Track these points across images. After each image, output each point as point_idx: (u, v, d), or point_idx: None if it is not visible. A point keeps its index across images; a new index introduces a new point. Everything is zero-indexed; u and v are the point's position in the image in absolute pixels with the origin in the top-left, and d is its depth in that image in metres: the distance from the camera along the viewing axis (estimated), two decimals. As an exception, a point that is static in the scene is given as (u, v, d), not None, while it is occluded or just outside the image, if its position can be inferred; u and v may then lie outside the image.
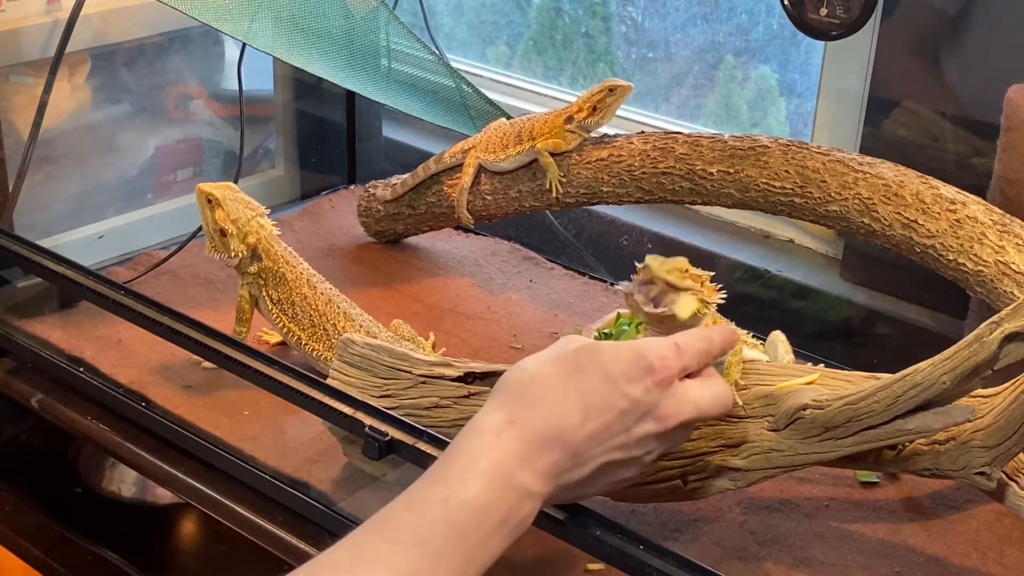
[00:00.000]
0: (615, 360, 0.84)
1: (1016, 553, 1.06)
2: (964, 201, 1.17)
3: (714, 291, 1.00)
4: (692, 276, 0.98)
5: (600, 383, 0.83)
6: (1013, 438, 0.92)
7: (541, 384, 0.83)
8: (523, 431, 0.80)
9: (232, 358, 1.11)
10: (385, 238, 1.61)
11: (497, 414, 0.81)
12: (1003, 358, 0.86)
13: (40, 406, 1.30)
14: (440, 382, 1.05)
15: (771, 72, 1.74)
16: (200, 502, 1.18)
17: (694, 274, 0.99)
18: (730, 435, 0.98)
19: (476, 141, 1.44)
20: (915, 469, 0.99)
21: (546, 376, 0.83)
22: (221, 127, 1.73)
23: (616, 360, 0.84)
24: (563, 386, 0.83)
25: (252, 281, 1.29)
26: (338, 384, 1.07)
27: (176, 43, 1.65)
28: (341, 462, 1.15)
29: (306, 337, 1.28)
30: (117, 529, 1.42)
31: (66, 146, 1.56)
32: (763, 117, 1.76)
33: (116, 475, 1.46)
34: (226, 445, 1.19)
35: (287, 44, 1.47)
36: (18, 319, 1.39)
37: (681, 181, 1.30)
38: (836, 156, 1.23)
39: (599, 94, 1.34)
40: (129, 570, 1.34)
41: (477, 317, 1.45)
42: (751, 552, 1.05)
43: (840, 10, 1.26)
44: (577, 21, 1.90)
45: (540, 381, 0.83)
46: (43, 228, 1.53)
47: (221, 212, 1.27)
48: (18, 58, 1.48)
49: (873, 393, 0.91)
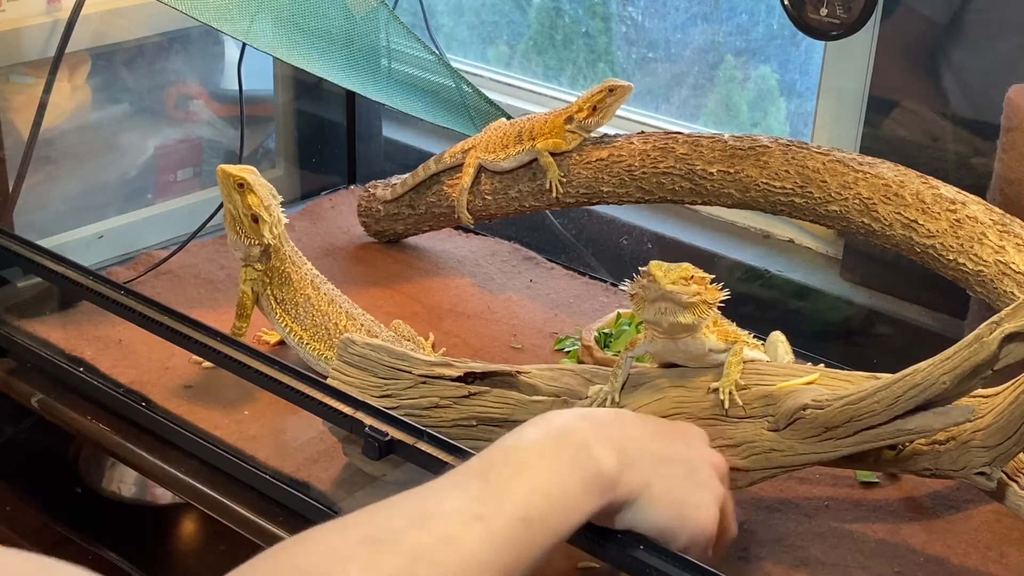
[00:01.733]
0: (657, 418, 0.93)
1: (1016, 553, 1.06)
2: (964, 201, 1.17)
3: (716, 291, 0.99)
4: (696, 280, 0.97)
5: (638, 421, 0.89)
6: (1013, 438, 0.92)
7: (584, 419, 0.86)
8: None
9: (232, 358, 1.11)
10: (385, 238, 1.61)
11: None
12: (1003, 358, 0.86)
13: (40, 406, 1.30)
14: (440, 382, 1.05)
15: (771, 72, 1.74)
16: (200, 502, 1.18)
17: (697, 278, 0.98)
18: (730, 435, 0.98)
19: (476, 141, 1.44)
20: (915, 469, 0.99)
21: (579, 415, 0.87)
22: (221, 127, 1.73)
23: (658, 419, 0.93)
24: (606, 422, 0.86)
25: (256, 278, 1.28)
26: (338, 384, 1.07)
27: (176, 43, 1.65)
28: (341, 462, 1.15)
29: (308, 337, 1.28)
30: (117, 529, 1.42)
31: (66, 146, 1.56)
32: (763, 117, 1.76)
33: (116, 475, 1.46)
34: (226, 445, 1.19)
35: (287, 44, 1.47)
36: (18, 319, 1.39)
37: (681, 181, 1.30)
38: (836, 156, 1.23)
39: (599, 94, 1.34)
40: (129, 570, 1.34)
41: (477, 317, 1.45)
42: (751, 552, 1.05)
43: (840, 10, 1.26)
44: (577, 21, 1.90)
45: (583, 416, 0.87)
46: (43, 228, 1.53)
47: (254, 197, 1.24)
48: (18, 58, 1.48)
49: (873, 393, 0.91)
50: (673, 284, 0.95)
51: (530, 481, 0.75)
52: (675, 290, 0.95)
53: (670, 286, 0.95)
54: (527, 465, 0.76)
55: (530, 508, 0.74)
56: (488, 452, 0.78)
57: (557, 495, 0.76)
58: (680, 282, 0.95)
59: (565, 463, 0.78)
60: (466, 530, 0.70)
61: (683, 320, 0.96)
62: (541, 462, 0.77)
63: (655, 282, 0.95)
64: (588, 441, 0.80)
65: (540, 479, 0.76)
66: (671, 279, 0.95)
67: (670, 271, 0.96)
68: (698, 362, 1.02)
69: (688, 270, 0.96)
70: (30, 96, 1.46)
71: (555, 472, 0.77)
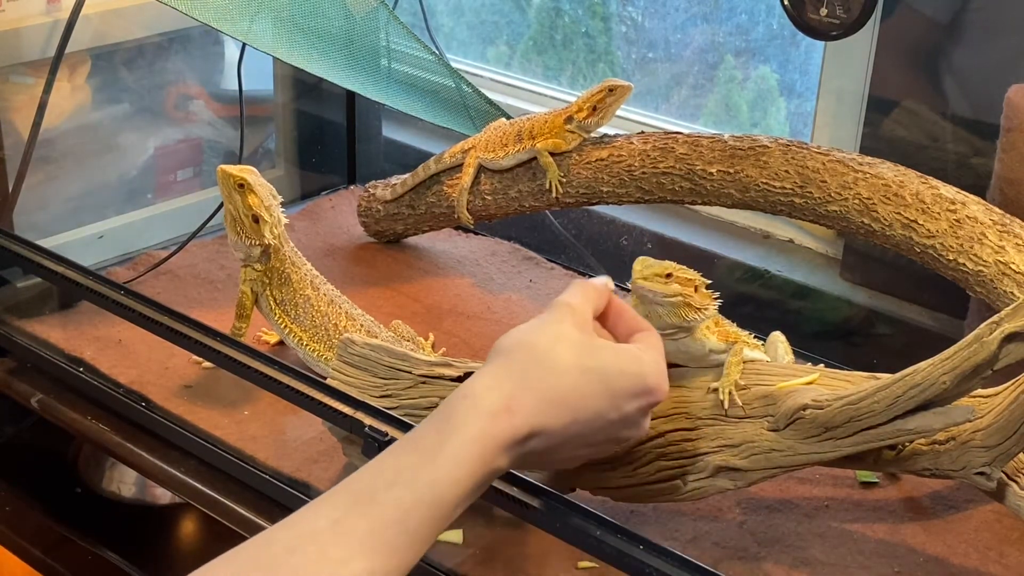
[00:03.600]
0: (618, 373, 0.86)
1: (1016, 553, 1.06)
2: (964, 201, 1.17)
3: (707, 297, 0.99)
4: (680, 280, 0.97)
5: (598, 391, 0.85)
6: (1013, 438, 0.92)
7: (543, 370, 0.84)
8: (516, 422, 0.81)
9: (232, 358, 1.11)
10: (385, 238, 1.61)
11: (496, 393, 0.82)
12: (1003, 358, 0.86)
13: (40, 406, 1.30)
14: (440, 382, 1.05)
15: (771, 72, 1.74)
16: (200, 502, 1.18)
17: (681, 278, 0.98)
18: (730, 435, 0.99)
19: (476, 141, 1.44)
20: (915, 469, 0.99)
21: (550, 362, 0.84)
22: (221, 127, 1.73)
23: (620, 373, 0.86)
24: (560, 381, 0.84)
25: (256, 279, 1.28)
26: (338, 384, 1.07)
27: (176, 43, 1.65)
28: (341, 462, 1.15)
29: (307, 338, 1.28)
30: (117, 529, 1.42)
31: (66, 146, 1.56)
32: (763, 117, 1.76)
33: (116, 475, 1.46)
34: (226, 445, 1.19)
35: (287, 44, 1.46)
36: (18, 319, 1.39)
37: (681, 181, 1.30)
38: (836, 156, 1.23)
39: (599, 94, 1.34)
40: (129, 570, 1.34)
41: (477, 317, 1.45)
42: (751, 552, 1.05)
43: (840, 10, 1.26)
44: (577, 21, 1.90)
45: (543, 366, 0.84)
46: (43, 228, 1.53)
47: (255, 198, 1.24)
48: (18, 58, 1.48)
49: (873, 393, 0.91)
50: (645, 280, 0.96)
51: (437, 527, 0.78)
52: (645, 286, 0.96)
53: (641, 281, 0.96)
54: (443, 511, 0.78)
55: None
56: (414, 486, 0.78)
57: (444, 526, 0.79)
58: (655, 279, 0.96)
59: (465, 497, 0.80)
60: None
61: (663, 315, 0.97)
62: (455, 505, 0.79)
63: (632, 276, 0.97)
64: (495, 465, 0.81)
65: (445, 519, 0.79)
66: (645, 275, 0.97)
67: (649, 267, 0.97)
68: (698, 362, 1.02)
69: (668, 268, 0.97)
70: (30, 96, 1.46)
71: (455, 509, 0.79)
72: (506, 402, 0.82)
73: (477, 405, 0.81)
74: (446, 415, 0.81)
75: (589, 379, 0.85)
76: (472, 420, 0.80)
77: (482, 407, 0.81)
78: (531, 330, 0.87)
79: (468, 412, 0.81)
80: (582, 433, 0.85)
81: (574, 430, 0.85)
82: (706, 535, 1.07)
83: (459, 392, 0.83)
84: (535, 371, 0.84)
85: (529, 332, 0.87)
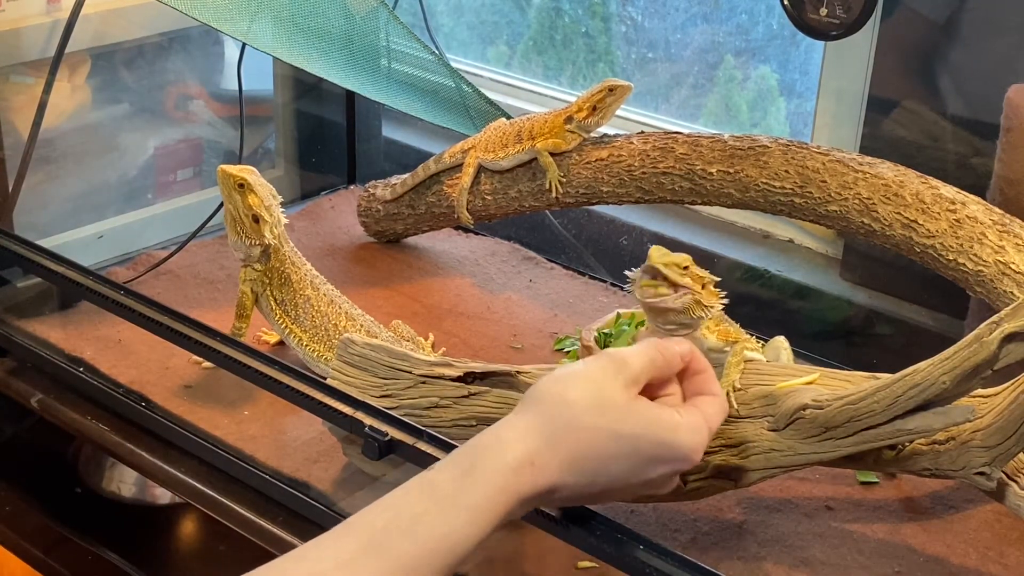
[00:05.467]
0: (650, 441, 0.84)
1: (1016, 553, 1.06)
2: (964, 201, 1.17)
3: (715, 295, 1.00)
4: (692, 275, 0.98)
5: (626, 455, 0.83)
6: (1013, 438, 0.92)
7: (574, 430, 0.82)
8: (539, 479, 0.80)
9: (232, 358, 1.11)
10: (385, 238, 1.61)
11: (522, 447, 0.81)
12: (1003, 358, 0.86)
13: (40, 406, 1.30)
14: (440, 382, 1.05)
15: (771, 72, 1.73)
16: (200, 502, 1.18)
17: (695, 274, 0.99)
18: (730, 435, 0.99)
19: (476, 141, 1.44)
20: (915, 469, 0.99)
21: (582, 422, 0.83)
22: (221, 127, 1.73)
23: (652, 442, 0.84)
24: (590, 444, 0.82)
25: (256, 279, 1.28)
26: (338, 384, 1.07)
27: (176, 43, 1.65)
28: (341, 462, 1.15)
29: (307, 338, 1.28)
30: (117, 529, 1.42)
31: (66, 146, 1.56)
32: (763, 117, 1.76)
33: (116, 475, 1.46)
34: (226, 445, 1.19)
35: (287, 44, 1.47)
36: (18, 319, 1.39)
37: (681, 181, 1.30)
38: (836, 156, 1.23)
39: (599, 94, 1.34)
40: (129, 570, 1.34)
41: (477, 317, 1.45)
42: (751, 552, 1.05)
43: (840, 10, 1.26)
44: (577, 21, 1.90)
45: (573, 425, 0.82)
46: (43, 228, 1.53)
47: (255, 197, 1.24)
48: (18, 58, 1.48)
49: (873, 393, 0.91)
50: (666, 266, 0.98)
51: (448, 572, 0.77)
52: (667, 272, 0.97)
53: (663, 267, 0.97)
54: (456, 560, 0.77)
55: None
56: (428, 540, 0.77)
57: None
58: (673, 268, 0.97)
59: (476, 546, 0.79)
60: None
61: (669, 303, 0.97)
62: (466, 554, 0.78)
63: (649, 259, 0.98)
64: (511, 514, 0.80)
65: (456, 565, 0.78)
66: (664, 261, 0.98)
67: (667, 255, 0.98)
68: (698, 362, 1.02)
69: (685, 260, 0.99)
70: (30, 96, 1.46)
71: (466, 555, 0.78)
72: (531, 457, 0.80)
73: (502, 457, 0.80)
74: (470, 462, 0.80)
75: (620, 445, 0.83)
76: (495, 473, 0.79)
77: (507, 459, 0.80)
78: (571, 381, 0.84)
79: (493, 462, 0.80)
80: (605, 490, 0.84)
81: (596, 488, 0.84)
82: (706, 535, 1.07)
83: (485, 437, 0.81)
84: (565, 430, 0.82)
85: (568, 385, 0.84)
